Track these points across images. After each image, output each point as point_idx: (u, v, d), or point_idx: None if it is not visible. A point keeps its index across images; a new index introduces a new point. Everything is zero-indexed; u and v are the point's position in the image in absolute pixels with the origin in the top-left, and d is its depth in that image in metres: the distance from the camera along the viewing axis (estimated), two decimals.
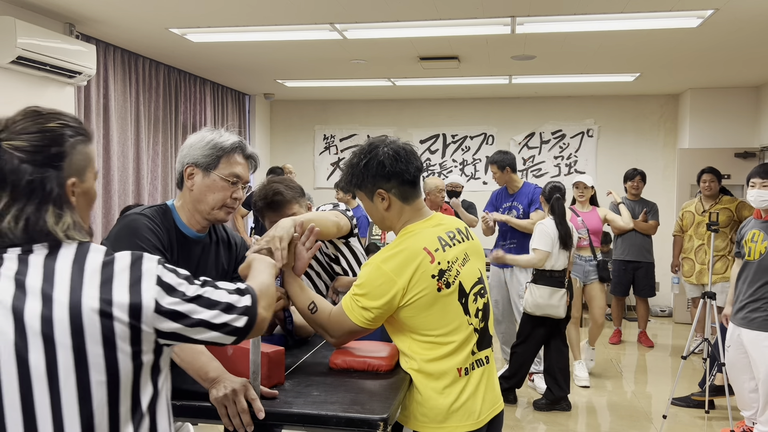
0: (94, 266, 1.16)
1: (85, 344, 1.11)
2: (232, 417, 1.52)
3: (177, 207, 1.94)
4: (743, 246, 3.62)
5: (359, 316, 1.80)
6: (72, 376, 1.11)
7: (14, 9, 4.28)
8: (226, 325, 1.22)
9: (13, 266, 1.14)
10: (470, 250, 1.93)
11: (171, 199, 2.31)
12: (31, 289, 1.12)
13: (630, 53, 5.58)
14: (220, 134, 1.91)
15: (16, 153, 1.15)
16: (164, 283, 1.18)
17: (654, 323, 7.37)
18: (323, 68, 6.36)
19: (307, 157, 8.67)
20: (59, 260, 1.15)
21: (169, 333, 1.19)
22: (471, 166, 8.34)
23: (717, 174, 5.39)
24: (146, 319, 1.16)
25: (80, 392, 1.11)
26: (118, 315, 1.13)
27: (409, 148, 1.90)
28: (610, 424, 4.22)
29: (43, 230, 1.16)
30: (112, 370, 1.13)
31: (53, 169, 1.18)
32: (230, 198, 1.90)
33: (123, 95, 5.64)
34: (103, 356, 1.12)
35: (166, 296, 1.17)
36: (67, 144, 1.20)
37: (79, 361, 1.11)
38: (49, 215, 1.17)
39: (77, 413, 1.11)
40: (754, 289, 3.48)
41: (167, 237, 1.86)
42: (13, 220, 1.15)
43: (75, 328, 1.11)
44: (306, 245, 1.92)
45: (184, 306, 1.19)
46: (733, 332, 3.65)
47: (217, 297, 1.23)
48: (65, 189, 1.20)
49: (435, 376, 1.79)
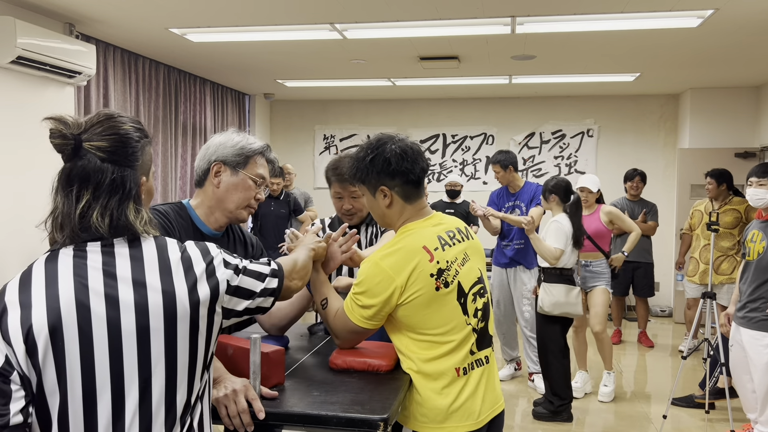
0: (176, 257, 1.29)
1: (177, 330, 1.24)
2: (232, 417, 1.52)
3: (194, 206, 1.96)
4: (745, 246, 3.65)
5: (358, 315, 1.81)
6: (162, 360, 1.23)
7: (14, 9, 4.28)
8: (266, 290, 1.43)
9: (98, 258, 1.24)
10: (470, 249, 1.93)
11: (170, 198, 2.33)
12: (122, 278, 1.23)
13: (630, 53, 5.58)
14: (247, 137, 1.97)
15: (98, 153, 1.26)
16: (230, 264, 1.36)
17: (654, 323, 7.37)
18: (323, 68, 6.35)
19: (307, 157, 8.67)
20: (145, 252, 1.27)
21: (233, 310, 1.36)
22: (471, 166, 8.34)
23: (717, 176, 5.33)
24: (220, 301, 1.32)
25: (168, 373, 1.24)
26: (204, 300, 1.28)
27: (416, 148, 1.90)
28: (610, 424, 4.22)
29: (125, 225, 1.27)
30: (193, 353, 1.27)
31: (130, 168, 1.30)
32: (254, 198, 1.95)
33: (123, 95, 5.64)
34: (188, 341, 1.26)
35: (234, 276, 1.35)
36: (139, 145, 1.32)
37: (170, 346, 1.24)
38: (130, 210, 1.28)
39: (163, 393, 1.24)
40: (752, 288, 3.52)
41: (184, 234, 1.87)
42: (100, 216, 1.25)
43: (168, 315, 1.24)
44: (342, 248, 2.00)
45: (243, 280, 1.37)
46: (734, 332, 3.67)
47: (257, 268, 1.44)
48: (140, 187, 1.32)
49: (433, 376, 1.79)
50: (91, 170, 1.25)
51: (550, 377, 4.25)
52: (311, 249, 1.80)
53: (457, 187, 5.93)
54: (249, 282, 1.39)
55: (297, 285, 1.62)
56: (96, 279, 1.22)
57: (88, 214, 1.24)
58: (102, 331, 1.20)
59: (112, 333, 1.20)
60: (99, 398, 1.20)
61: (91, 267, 1.23)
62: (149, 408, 1.23)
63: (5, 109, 4.23)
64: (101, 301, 1.21)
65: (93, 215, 1.24)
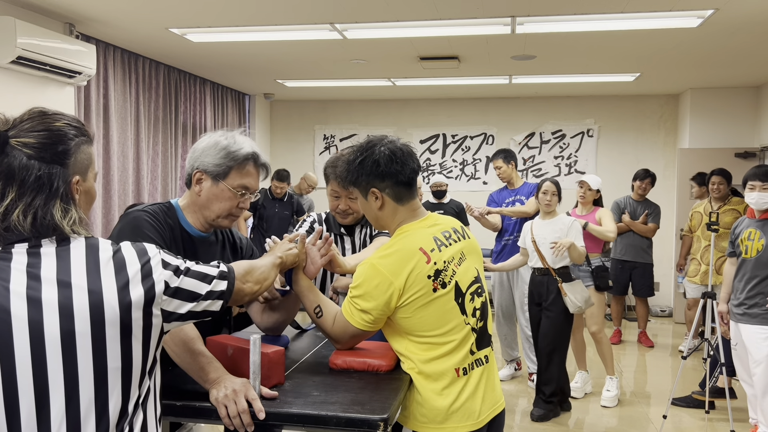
0: (107, 256, 1.22)
1: (105, 333, 1.17)
2: (232, 417, 1.52)
3: (182, 206, 1.93)
4: (739, 245, 3.69)
5: (359, 318, 1.80)
6: (89, 365, 1.17)
7: (14, 9, 4.28)
8: (212, 292, 1.36)
9: (23, 260, 1.18)
10: (467, 249, 1.93)
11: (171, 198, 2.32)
12: (46, 279, 1.16)
13: (630, 53, 5.58)
14: (234, 140, 1.86)
15: (25, 150, 1.20)
16: (169, 264, 1.29)
17: (654, 323, 7.37)
18: (323, 68, 6.35)
19: (307, 157, 8.67)
20: (72, 252, 1.21)
21: (174, 313, 1.29)
22: (471, 166, 8.34)
23: (726, 176, 5.31)
24: (157, 303, 1.25)
25: (96, 379, 1.17)
26: (137, 302, 1.21)
27: (406, 149, 1.89)
28: (610, 424, 4.22)
29: (50, 225, 1.21)
30: (126, 358, 1.20)
31: (60, 166, 1.23)
32: (236, 207, 1.88)
33: (123, 95, 5.64)
34: (119, 344, 1.19)
35: (174, 277, 1.29)
36: (72, 143, 1.25)
37: (98, 350, 1.17)
38: (57, 209, 1.21)
39: (92, 400, 1.17)
40: (752, 285, 3.56)
41: (171, 234, 1.86)
42: (22, 215, 1.19)
43: (95, 317, 1.17)
44: (321, 251, 1.99)
45: (184, 281, 1.30)
46: (735, 331, 3.70)
47: (202, 270, 1.37)
48: (70, 186, 1.25)
49: (433, 377, 1.79)
50: (16, 167, 1.19)
51: (557, 377, 4.25)
52: (278, 257, 1.74)
53: (442, 187, 5.92)
54: (191, 283, 1.32)
55: (252, 288, 1.53)
56: (18, 281, 1.15)
57: (11, 213, 1.19)
58: (23, 335, 1.13)
59: (35, 337, 1.14)
60: (21, 406, 1.14)
61: (14, 269, 1.17)
62: (77, 416, 1.16)
63: (5, 109, 4.21)
64: (23, 303, 1.14)
65: (14, 214, 1.18)
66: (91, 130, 1.33)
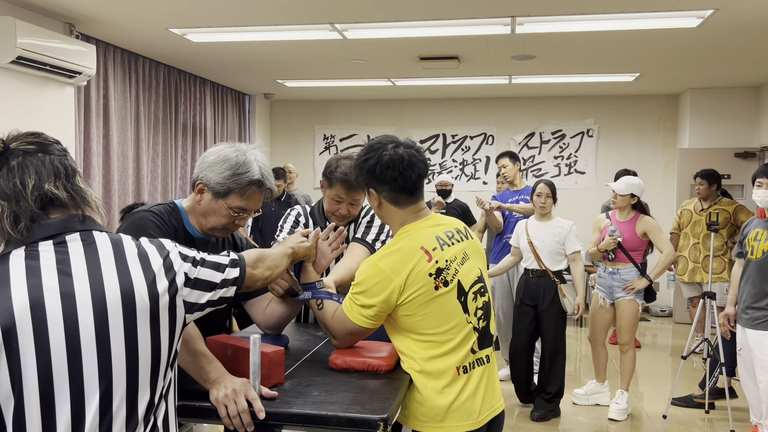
0: (133, 252, 1.28)
1: (137, 325, 1.22)
2: (232, 417, 1.52)
3: (186, 208, 1.95)
4: (746, 245, 3.57)
5: (358, 315, 1.81)
6: (122, 357, 1.20)
7: (14, 9, 4.28)
8: (226, 280, 1.42)
9: (51, 257, 1.22)
10: (470, 249, 1.94)
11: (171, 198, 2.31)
12: (77, 275, 1.21)
13: (630, 53, 5.58)
14: (245, 159, 1.82)
15: (29, 147, 1.30)
16: (187, 257, 1.35)
17: (654, 323, 7.38)
18: (323, 68, 6.35)
19: (307, 157, 8.67)
20: (99, 247, 1.26)
21: (196, 304, 1.35)
22: (471, 166, 8.34)
23: (709, 177, 5.25)
24: (180, 294, 1.30)
25: (129, 370, 1.21)
26: (163, 294, 1.26)
27: (410, 158, 1.85)
28: (610, 424, 4.22)
29: (81, 194, 1.29)
30: (156, 349, 1.25)
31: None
32: (232, 224, 1.89)
33: (123, 95, 5.64)
34: (150, 337, 1.24)
35: (192, 269, 1.34)
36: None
37: (130, 341, 1.21)
38: (81, 182, 1.31)
39: (125, 392, 1.21)
40: (758, 288, 3.45)
41: (174, 235, 1.87)
42: (54, 187, 1.25)
43: (127, 309, 1.22)
44: (332, 246, 2.04)
45: (201, 272, 1.36)
46: (741, 335, 3.60)
47: (215, 259, 1.44)
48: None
49: (434, 375, 1.79)
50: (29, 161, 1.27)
51: (560, 379, 4.26)
52: (290, 247, 1.80)
53: (447, 186, 5.92)
54: (208, 273, 1.38)
55: (263, 274, 1.60)
56: (50, 277, 1.18)
57: (43, 185, 1.25)
58: (59, 330, 1.15)
59: (70, 331, 1.16)
60: (57, 401, 1.15)
61: (44, 266, 1.19)
62: (110, 408, 1.19)
63: (5, 109, 4.23)
64: (57, 297, 1.17)
65: (47, 186, 1.24)
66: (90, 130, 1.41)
